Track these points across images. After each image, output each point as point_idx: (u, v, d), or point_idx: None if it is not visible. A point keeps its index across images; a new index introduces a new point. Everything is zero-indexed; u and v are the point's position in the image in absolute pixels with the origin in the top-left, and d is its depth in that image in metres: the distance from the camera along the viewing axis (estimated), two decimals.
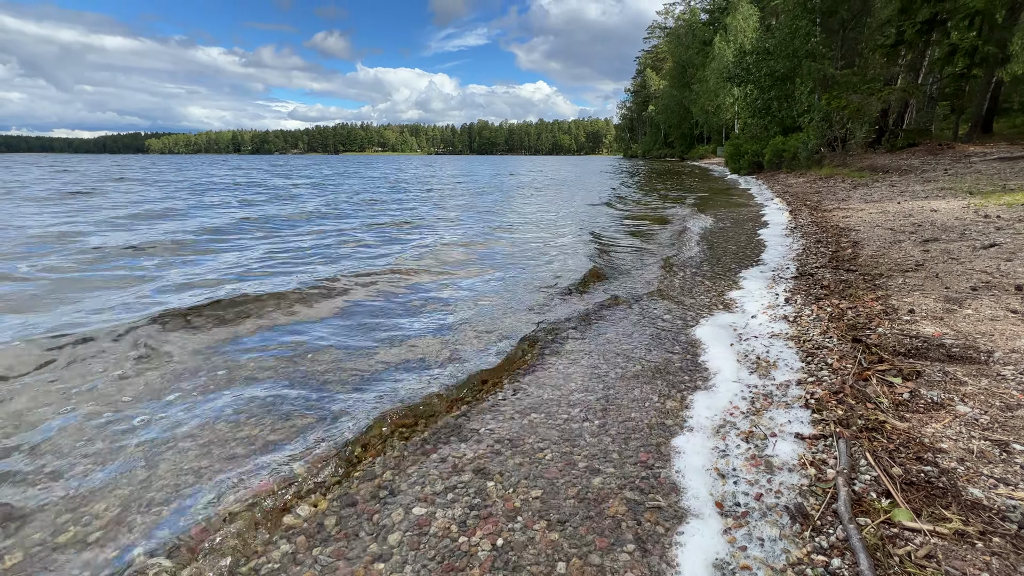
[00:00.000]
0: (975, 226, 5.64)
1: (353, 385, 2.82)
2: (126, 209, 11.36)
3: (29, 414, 2.48)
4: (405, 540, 1.68)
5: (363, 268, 5.48)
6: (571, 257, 6.18)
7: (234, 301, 4.15)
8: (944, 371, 2.46)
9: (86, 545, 1.65)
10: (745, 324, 3.65)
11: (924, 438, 1.97)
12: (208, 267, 5.69)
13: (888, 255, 4.89)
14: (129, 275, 5.28)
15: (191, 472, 2.02)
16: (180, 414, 2.48)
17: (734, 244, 6.99)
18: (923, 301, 3.45)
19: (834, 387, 2.45)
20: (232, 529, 1.69)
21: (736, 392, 2.60)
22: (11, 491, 1.90)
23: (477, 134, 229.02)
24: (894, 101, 18.62)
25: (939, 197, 8.23)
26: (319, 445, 2.17)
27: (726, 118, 45.04)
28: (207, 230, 8.24)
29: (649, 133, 73.05)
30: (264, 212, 11.02)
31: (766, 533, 1.61)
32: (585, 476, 1.98)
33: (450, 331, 3.66)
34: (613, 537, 1.65)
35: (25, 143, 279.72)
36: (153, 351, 3.24)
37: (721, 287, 4.74)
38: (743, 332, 3.48)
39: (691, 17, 53.84)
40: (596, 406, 2.55)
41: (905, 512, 1.57)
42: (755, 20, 39.94)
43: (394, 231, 8.57)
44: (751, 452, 2.06)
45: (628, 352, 3.24)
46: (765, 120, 22.53)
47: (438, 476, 2.01)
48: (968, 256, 4.44)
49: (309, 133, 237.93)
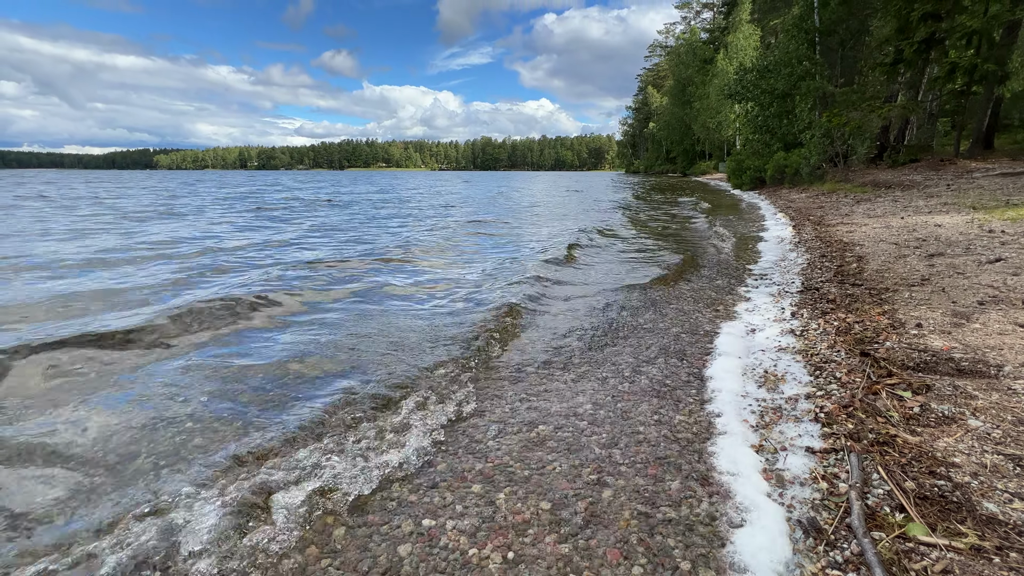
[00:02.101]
0: (980, 241, 5.64)
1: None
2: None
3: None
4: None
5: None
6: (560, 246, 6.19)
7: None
8: (954, 385, 2.45)
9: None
10: (751, 338, 3.64)
11: (936, 452, 1.95)
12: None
13: (893, 269, 4.89)
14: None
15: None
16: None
17: (737, 258, 7.00)
18: (930, 315, 3.45)
19: (844, 401, 2.45)
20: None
21: (744, 406, 2.59)
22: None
23: (480, 150, 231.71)
24: (894, 118, 18.79)
25: (943, 212, 8.25)
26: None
27: (727, 134, 45.47)
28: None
29: (651, 149, 73.74)
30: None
31: (779, 547, 1.59)
32: (595, 488, 1.97)
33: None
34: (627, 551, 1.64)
35: (36, 159, 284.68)
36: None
37: (726, 300, 4.74)
38: (749, 346, 3.48)
39: (691, 36, 54.76)
40: (605, 418, 2.54)
41: (920, 527, 1.56)
42: (756, 39, 40.62)
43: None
44: (762, 466, 2.04)
45: (635, 365, 3.24)
46: (766, 136, 22.74)
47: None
48: (974, 270, 4.44)
49: (315, 149, 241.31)
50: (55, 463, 2.16)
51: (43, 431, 2.41)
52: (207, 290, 5.11)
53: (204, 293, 4.93)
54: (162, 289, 5.19)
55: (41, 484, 2.01)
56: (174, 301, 4.62)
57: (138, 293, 5.01)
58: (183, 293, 5.01)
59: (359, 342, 3.66)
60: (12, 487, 1.99)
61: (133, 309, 4.41)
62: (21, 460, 2.18)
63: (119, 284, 5.38)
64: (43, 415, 2.59)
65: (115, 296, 4.89)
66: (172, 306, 4.36)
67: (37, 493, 1.95)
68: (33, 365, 3.15)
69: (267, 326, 4.09)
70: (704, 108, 47.42)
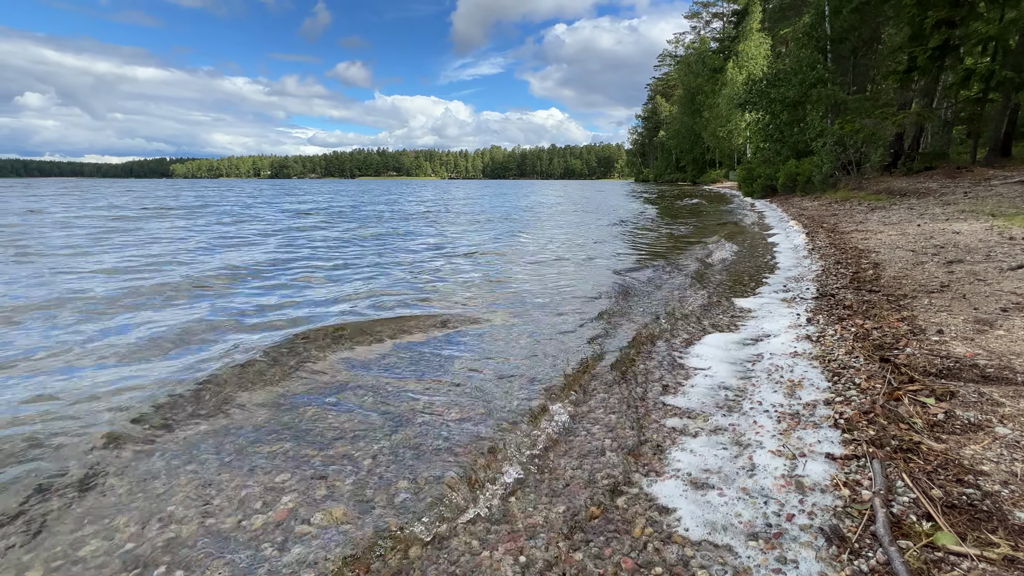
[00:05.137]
0: (1000, 248, 5.52)
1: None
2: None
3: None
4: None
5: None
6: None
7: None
8: (979, 392, 2.37)
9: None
10: (767, 344, 3.58)
11: (963, 460, 1.88)
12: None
13: (911, 276, 4.80)
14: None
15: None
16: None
17: (751, 265, 6.92)
18: (951, 321, 3.37)
19: (864, 407, 2.38)
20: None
21: (761, 412, 2.53)
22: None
23: (490, 159, 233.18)
24: (909, 125, 18.58)
25: (960, 219, 8.11)
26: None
27: (737, 143, 45.30)
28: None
29: (660, 158, 73.66)
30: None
31: (801, 555, 1.54)
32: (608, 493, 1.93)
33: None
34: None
35: (57, 168, 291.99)
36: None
37: (740, 306, 4.68)
38: (765, 352, 3.42)
39: (701, 46, 54.85)
40: (618, 421, 2.50)
41: (949, 536, 1.50)
42: (766, 48, 40.57)
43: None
44: (780, 472, 1.99)
45: (648, 370, 3.19)
46: (777, 145, 22.59)
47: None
48: (995, 277, 4.33)
49: (327, 158, 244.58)
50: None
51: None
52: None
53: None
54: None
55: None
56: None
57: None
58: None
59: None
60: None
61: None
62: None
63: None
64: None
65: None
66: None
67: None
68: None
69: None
70: (714, 117, 47.37)
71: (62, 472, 2.06)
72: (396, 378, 3.08)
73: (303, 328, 3.96)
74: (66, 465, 2.10)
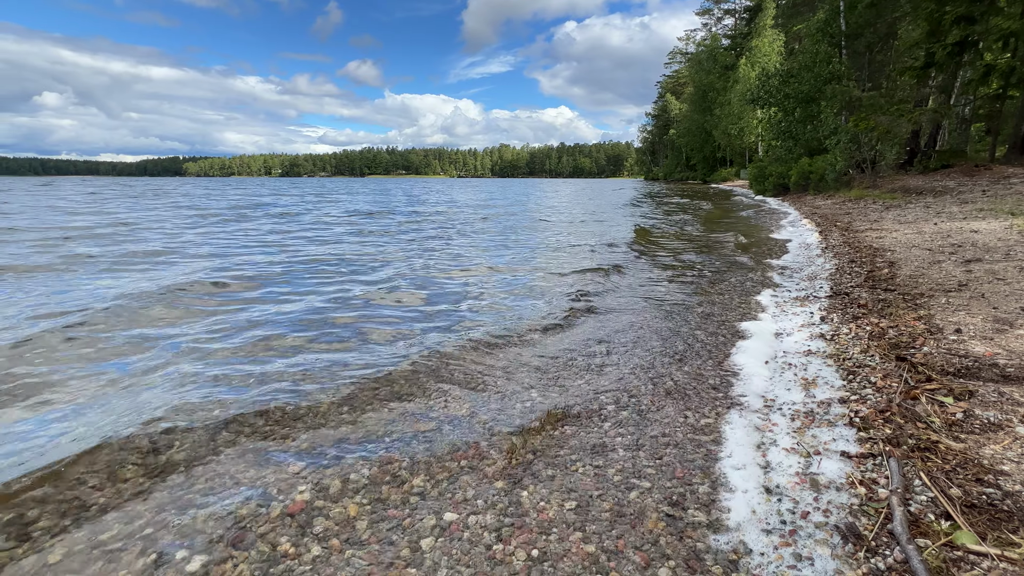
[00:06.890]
0: (1020, 247, 5.41)
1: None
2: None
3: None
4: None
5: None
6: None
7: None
8: (999, 391, 2.33)
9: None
10: (780, 342, 3.55)
11: (983, 459, 1.86)
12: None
13: (928, 275, 4.72)
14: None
15: None
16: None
17: (764, 262, 6.85)
18: (970, 321, 3.31)
19: (880, 405, 2.35)
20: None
21: (775, 410, 2.51)
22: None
23: (499, 157, 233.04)
24: (925, 122, 18.26)
25: (979, 218, 7.96)
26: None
27: (749, 141, 44.83)
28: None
29: (671, 156, 73.03)
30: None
31: (816, 553, 1.53)
32: (620, 490, 1.93)
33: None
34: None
35: (73, 166, 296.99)
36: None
37: (752, 305, 4.64)
38: (778, 350, 3.39)
39: (712, 42, 54.21)
40: (628, 421, 2.49)
41: (969, 535, 1.48)
42: (780, 44, 40.06)
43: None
44: (795, 470, 1.97)
45: (660, 371, 3.18)
46: (789, 143, 22.32)
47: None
48: (1015, 277, 4.25)
49: (336, 157, 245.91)
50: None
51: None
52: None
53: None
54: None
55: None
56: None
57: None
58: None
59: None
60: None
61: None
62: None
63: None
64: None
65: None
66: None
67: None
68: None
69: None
70: (725, 114, 46.88)
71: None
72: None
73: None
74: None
